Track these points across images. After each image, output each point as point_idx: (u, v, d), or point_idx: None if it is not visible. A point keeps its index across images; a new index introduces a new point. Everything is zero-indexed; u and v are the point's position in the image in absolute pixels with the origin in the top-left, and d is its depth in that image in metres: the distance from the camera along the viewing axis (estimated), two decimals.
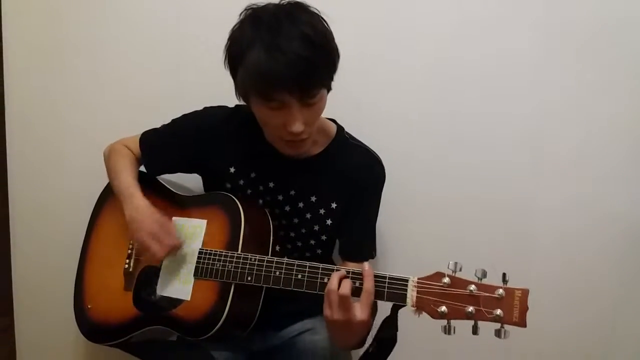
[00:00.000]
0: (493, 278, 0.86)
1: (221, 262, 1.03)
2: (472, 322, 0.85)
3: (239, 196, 1.10)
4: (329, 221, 1.13)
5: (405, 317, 0.91)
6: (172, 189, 1.21)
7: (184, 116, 1.17)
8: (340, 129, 1.16)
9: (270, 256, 1.03)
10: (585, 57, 1.27)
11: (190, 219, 1.11)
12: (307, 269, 0.97)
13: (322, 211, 1.13)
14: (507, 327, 0.84)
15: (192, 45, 1.37)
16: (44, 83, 1.44)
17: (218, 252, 1.04)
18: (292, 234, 1.15)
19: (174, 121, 1.18)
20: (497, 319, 0.83)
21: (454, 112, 1.33)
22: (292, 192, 1.13)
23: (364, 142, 1.17)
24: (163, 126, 1.19)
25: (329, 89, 1.00)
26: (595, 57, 1.27)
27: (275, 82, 0.90)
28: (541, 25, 1.28)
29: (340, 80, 1.01)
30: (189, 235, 1.09)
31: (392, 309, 0.93)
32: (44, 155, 1.47)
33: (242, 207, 1.07)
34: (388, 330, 0.93)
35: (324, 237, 1.15)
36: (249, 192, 1.13)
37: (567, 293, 1.34)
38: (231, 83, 1.01)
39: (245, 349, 1.17)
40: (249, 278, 1.01)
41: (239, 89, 0.99)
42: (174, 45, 1.39)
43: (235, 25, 0.98)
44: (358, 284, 0.92)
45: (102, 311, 1.15)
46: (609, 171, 1.30)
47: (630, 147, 1.29)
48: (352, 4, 1.31)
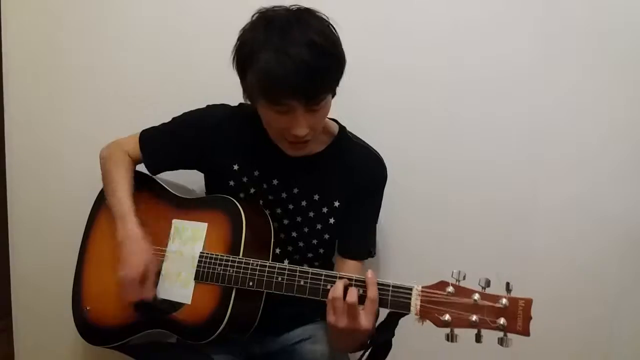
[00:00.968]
0: (497, 286, 0.86)
1: (222, 266, 1.03)
2: (475, 331, 0.85)
3: (240, 198, 1.10)
4: (331, 220, 1.13)
5: (407, 324, 0.91)
6: (172, 191, 1.20)
7: (186, 114, 1.17)
8: (342, 128, 1.16)
9: (271, 260, 1.03)
10: (585, 58, 1.27)
11: (190, 221, 1.11)
12: (309, 275, 0.97)
13: (324, 210, 1.13)
14: (510, 335, 0.84)
15: (193, 46, 1.37)
16: (43, 84, 1.44)
17: (219, 256, 1.04)
18: (295, 233, 1.14)
19: (174, 119, 1.18)
20: (500, 327, 0.83)
21: (455, 112, 1.33)
22: (296, 190, 1.12)
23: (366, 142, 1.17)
24: (163, 124, 1.19)
25: (334, 94, 1.01)
26: (595, 58, 1.27)
27: (283, 88, 0.91)
28: (541, 26, 1.27)
29: (342, 81, 1.01)
30: (190, 238, 1.09)
31: (389, 314, 0.93)
32: (43, 156, 1.47)
33: (244, 210, 1.06)
34: (384, 335, 0.93)
35: (327, 236, 1.14)
36: (252, 190, 1.13)
37: (567, 293, 1.34)
38: (231, 82, 1.01)
39: (245, 353, 1.17)
40: (251, 283, 1.00)
41: (246, 90, 1.00)
42: (173, 46, 1.38)
43: (245, 27, 0.98)
44: (362, 292, 0.91)
45: (101, 313, 1.14)
46: (608, 172, 1.30)
47: (630, 148, 1.30)
48: (353, 6, 1.31)
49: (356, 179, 1.12)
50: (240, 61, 0.98)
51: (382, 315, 0.94)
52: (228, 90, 1.03)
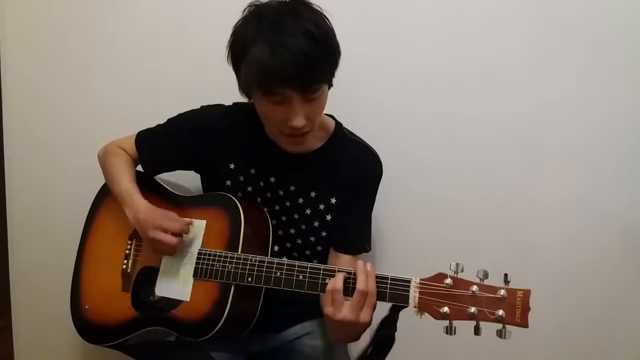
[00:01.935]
0: (494, 276, 0.86)
1: (221, 263, 1.03)
2: (474, 323, 0.85)
3: (238, 196, 1.10)
4: (328, 217, 1.13)
5: (406, 317, 0.91)
6: (170, 190, 1.20)
7: (181, 115, 1.17)
8: (338, 124, 1.16)
9: (270, 256, 1.03)
10: (585, 57, 1.27)
11: (189, 219, 1.10)
12: (308, 270, 0.97)
13: (321, 207, 1.13)
14: (508, 327, 0.84)
15: (192, 45, 1.37)
16: (41, 82, 1.44)
17: (218, 253, 1.04)
18: (292, 230, 1.14)
19: (169, 120, 1.18)
20: (499, 319, 0.83)
21: (454, 110, 1.32)
22: (292, 188, 1.12)
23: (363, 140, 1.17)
24: (158, 126, 1.19)
25: (330, 85, 1.01)
26: (594, 56, 1.27)
27: (277, 77, 0.90)
28: (540, 24, 1.27)
29: (340, 78, 1.01)
30: (188, 236, 1.09)
31: (391, 309, 0.93)
32: (42, 154, 1.47)
33: (242, 207, 1.06)
34: (386, 330, 0.93)
35: (324, 234, 1.14)
36: (250, 189, 1.13)
37: (566, 293, 1.34)
38: (230, 81, 1.01)
39: (244, 351, 1.17)
40: (249, 279, 1.00)
41: (241, 84, 1.00)
42: (172, 45, 1.38)
43: (238, 22, 0.98)
44: None
45: (99, 312, 1.14)
46: (608, 171, 1.30)
47: (630, 147, 1.29)
48: (352, 3, 1.30)
49: (352, 175, 1.12)
50: (234, 56, 0.98)
51: (385, 309, 0.93)
52: (228, 89, 1.03)
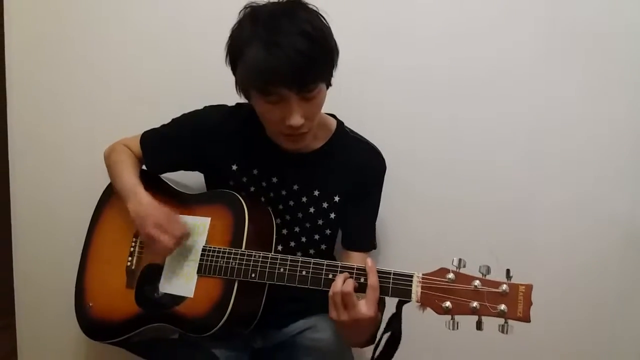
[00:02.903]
0: (496, 270, 0.86)
1: (225, 259, 1.03)
2: (476, 318, 0.85)
3: (243, 194, 1.11)
4: (332, 215, 1.14)
5: (408, 313, 0.92)
6: (175, 187, 1.21)
7: (184, 115, 1.18)
8: (340, 123, 1.17)
9: (274, 253, 1.03)
10: (586, 58, 1.28)
11: (193, 216, 1.11)
12: (311, 265, 0.97)
13: (325, 205, 1.13)
14: (510, 322, 0.84)
15: (194, 45, 1.38)
16: (45, 82, 1.45)
17: (222, 249, 1.04)
18: (297, 229, 1.15)
19: (174, 120, 1.18)
20: (501, 314, 0.84)
21: (455, 110, 1.33)
22: (296, 187, 1.13)
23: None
24: (163, 126, 1.20)
25: (328, 84, 1.01)
26: (596, 57, 1.28)
27: (273, 76, 0.91)
28: (542, 25, 1.28)
29: (342, 79, 1.02)
30: (193, 233, 1.09)
31: (398, 306, 0.93)
32: (46, 154, 1.47)
33: (246, 205, 1.07)
34: (394, 326, 0.93)
35: (328, 232, 1.15)
36: (252, 189, 1.14)
37: (567, 293, 1.34)
38: (232, 82, 1.01)
39: (247, 347, 1.17)
40: (253, 275, 1.00)
41: (239, 85, 1.00)
42: (176, 45, 1.39)
43: (234, 24, 0.99)
44: (363, 280, 0.92)
45: (103, 309, 1.15)
46: (609, 172, 1.31)
47: (631, 147, 1.30)
48: (353, 4, 1.31)
49: (356, 173, 1.13)
50: (232, 58, 0.99)
51: (394, 307, 0.94)
52: (229, 88, 1.03)
